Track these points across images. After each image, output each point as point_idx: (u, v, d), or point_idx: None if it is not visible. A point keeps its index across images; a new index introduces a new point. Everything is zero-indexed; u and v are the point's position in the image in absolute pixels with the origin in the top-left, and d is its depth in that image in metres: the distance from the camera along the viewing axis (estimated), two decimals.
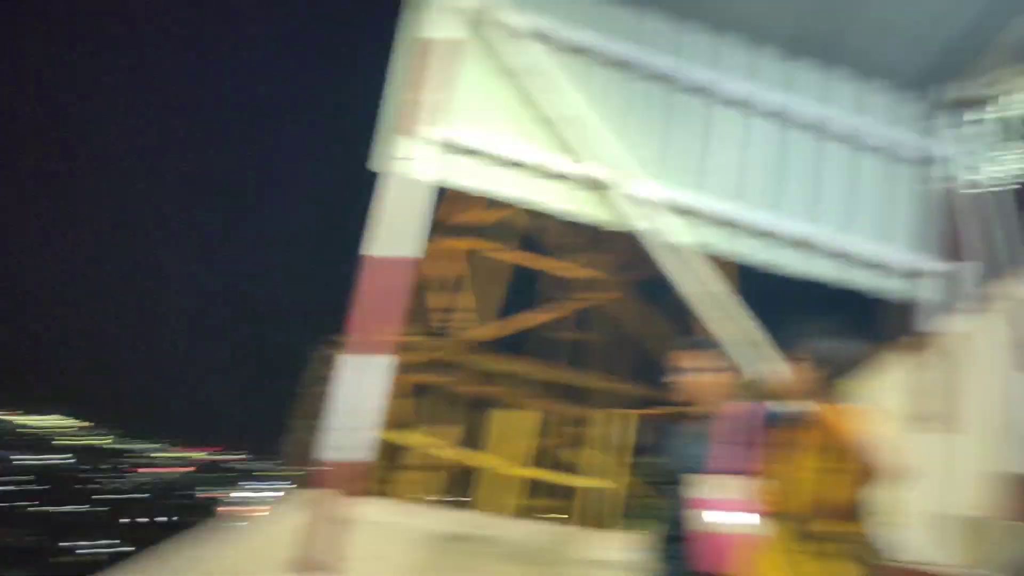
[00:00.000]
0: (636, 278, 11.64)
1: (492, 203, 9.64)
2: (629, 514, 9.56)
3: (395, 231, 4.58)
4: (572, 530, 5.29)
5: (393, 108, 4.92)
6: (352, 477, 4.12)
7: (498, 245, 9.38)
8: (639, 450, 8.31)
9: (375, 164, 4.82)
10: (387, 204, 4.60)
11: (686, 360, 3.43)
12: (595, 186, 5.25)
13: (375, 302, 4.41)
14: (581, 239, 10.74)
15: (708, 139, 5.50)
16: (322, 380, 10.04)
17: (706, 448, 3.28)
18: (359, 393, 4.23)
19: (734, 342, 4.89)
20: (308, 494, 4.64)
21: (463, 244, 10.29)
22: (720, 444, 3.27)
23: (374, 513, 4.48)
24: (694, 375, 3.37)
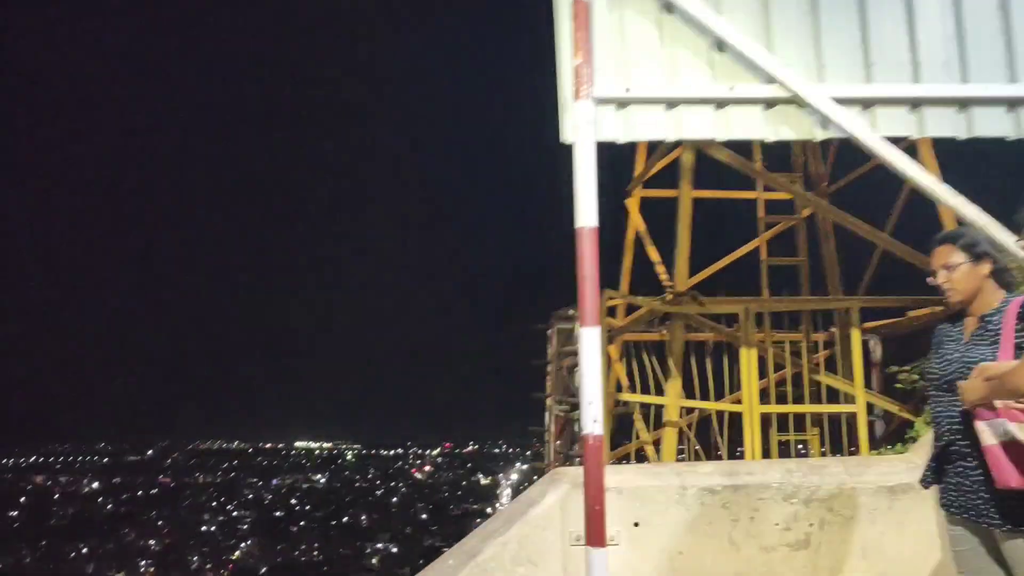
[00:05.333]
0: (835, 188, 11.04)
1: (661, 146, 9.40)
2: (888, 434, 9.05)
3: (589, 198, 4.53)
4: (833, 460, 5.05)
5: (563, 73, 4.86)
6: (600, 448, 4.13)
7: (683, 186, 9.12)
8: (887, 365, 7.82)
9: (561, 134, 4.79)
10: (579, 173, 4.55)
11: (941, 257, 3.16)
12: (786, 101, 4.95)
13: (587, 273, 4.39)
14: (770, 160, 10.26)
15: (913, 17, 5.01)
16: (555, 356, 10.32)
17: (976, 349, 3.01)
18: (591, 364, 4.23)
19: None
20: (564, 469, 4.71)
21: (650, 193, 10.12)
22: (990, 344, 2.97)
23: (627, 479, 4.46)
24: (951, 272, 3.10)
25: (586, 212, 4.47)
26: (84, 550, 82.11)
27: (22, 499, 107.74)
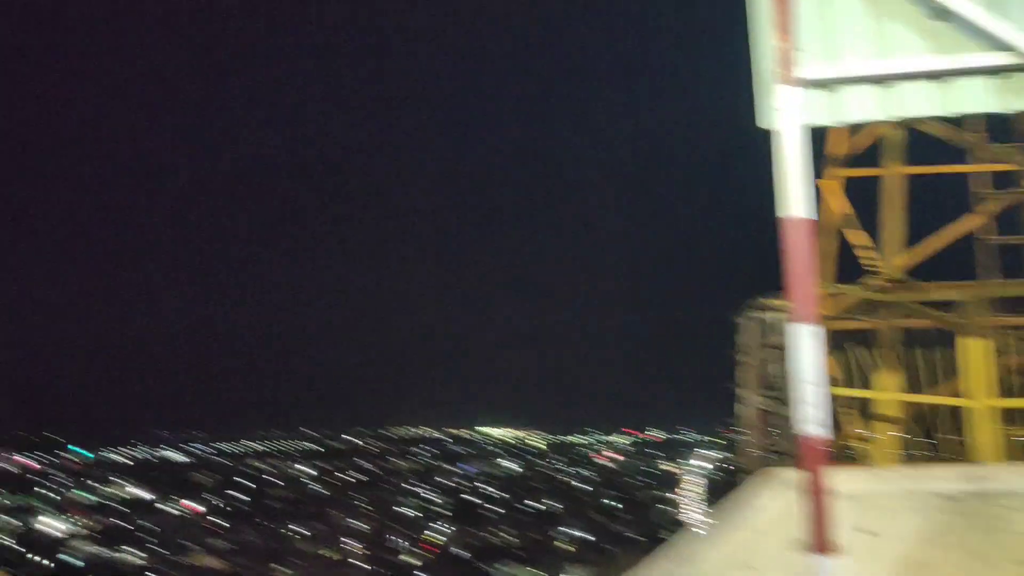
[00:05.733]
0: None
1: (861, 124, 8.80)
2: None
3: (796, 186, 4.32)
4: None
5: (762, 56, 4.66)
6: (824, 450, 3.92)
7: (890, 164, 8.52)
8: None
9: (760, 119, 4.59)
10: (786, 159, 4.35)
11: None
12: (1020, 69, 4.50)
13: (798, 265, 4.19)
14: (988, 130, 9.40)
15: None
16: (750, 347, 9.95)
17: None
18: (809, 362, 4.03)
19: None
20: (781, 471, 4.54)
21: (851, 173, 9.54)
22: None
23: (853, 483, 4.22)
24: None
25: (796, 201, 4.27)
26: (298, 529, 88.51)
27: (244, 482, 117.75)
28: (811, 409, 3.93)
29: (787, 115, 4.45)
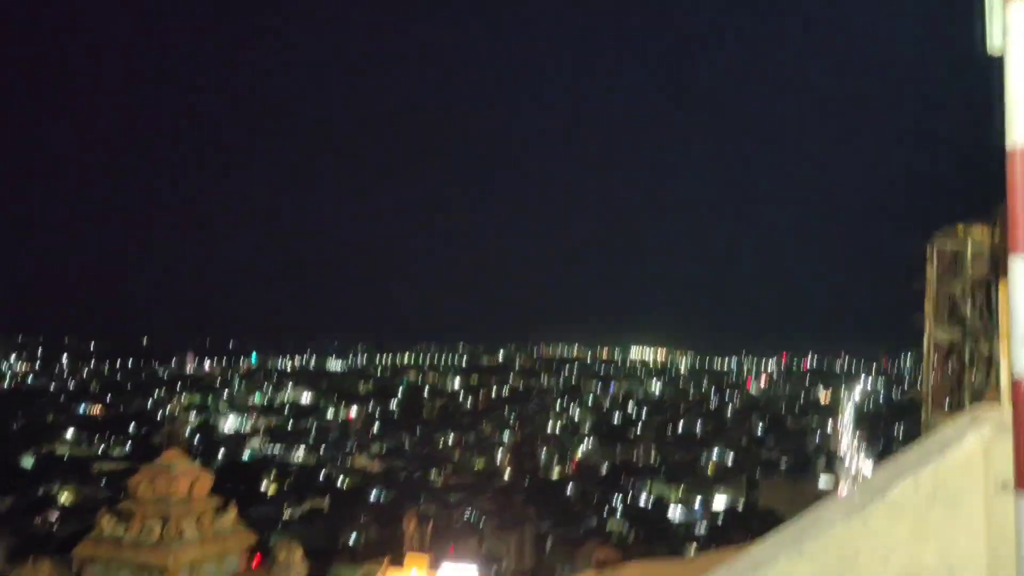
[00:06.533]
0: None
1: None
2: None
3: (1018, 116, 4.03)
4: None
5: None
6: None
7: None
8: None
9: (989, 43, 4.27)
10: (1012, 86, 4.06)
11: None
12: None
13: (1021, 197, 3.95)
14: None
15: None
16: (937, 279, 9.37)
17: None
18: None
19: None
20: (985, 409, 4.40)
21: None
22: None
23: None
24: None
25: (1022, 132, 4.01)
26: (450, 440, 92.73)
27: (399, 392, 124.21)
28: None
29: (1017, 37, 4.13)
